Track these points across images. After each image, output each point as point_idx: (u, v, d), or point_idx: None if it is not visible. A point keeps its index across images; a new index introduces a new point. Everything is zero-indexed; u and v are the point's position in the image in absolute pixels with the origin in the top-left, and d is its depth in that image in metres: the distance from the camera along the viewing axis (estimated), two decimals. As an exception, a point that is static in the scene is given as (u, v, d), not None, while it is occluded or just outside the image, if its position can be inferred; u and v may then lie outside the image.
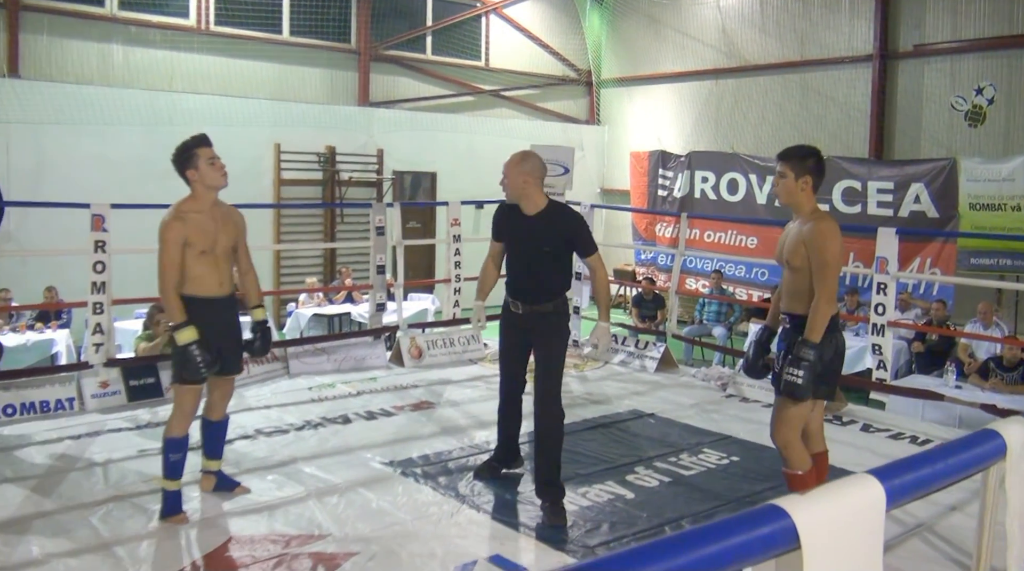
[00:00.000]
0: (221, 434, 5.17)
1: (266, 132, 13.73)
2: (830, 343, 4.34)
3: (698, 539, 1.19)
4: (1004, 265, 11.52)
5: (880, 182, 12.84)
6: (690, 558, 1.15)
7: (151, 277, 4.83)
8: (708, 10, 16.75)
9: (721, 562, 1.19)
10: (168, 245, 4.64)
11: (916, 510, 5.00)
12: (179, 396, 4.79)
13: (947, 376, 8.43)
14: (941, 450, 1.76)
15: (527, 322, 5.08)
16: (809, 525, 1.30)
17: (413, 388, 7.86)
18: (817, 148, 4.50)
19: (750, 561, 1.28)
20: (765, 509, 1.31)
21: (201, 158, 4.80)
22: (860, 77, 14.42)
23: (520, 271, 5.13)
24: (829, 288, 4.26)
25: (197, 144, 4.84)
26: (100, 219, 7.04)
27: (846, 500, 1.43)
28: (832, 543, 1.35)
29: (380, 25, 15.85)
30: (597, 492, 5.34)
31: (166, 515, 4.73)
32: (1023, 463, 1.90)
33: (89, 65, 12.71)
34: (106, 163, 12.18)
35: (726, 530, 1.23)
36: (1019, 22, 12.63)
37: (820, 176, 4.43)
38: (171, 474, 4.75)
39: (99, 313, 7.04)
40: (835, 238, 4.29)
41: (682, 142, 17.00)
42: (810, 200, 4.42)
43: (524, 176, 5.01)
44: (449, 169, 15.89)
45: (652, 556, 1.12)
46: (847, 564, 1.38)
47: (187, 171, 4.81)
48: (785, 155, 4.47)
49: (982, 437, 1.89)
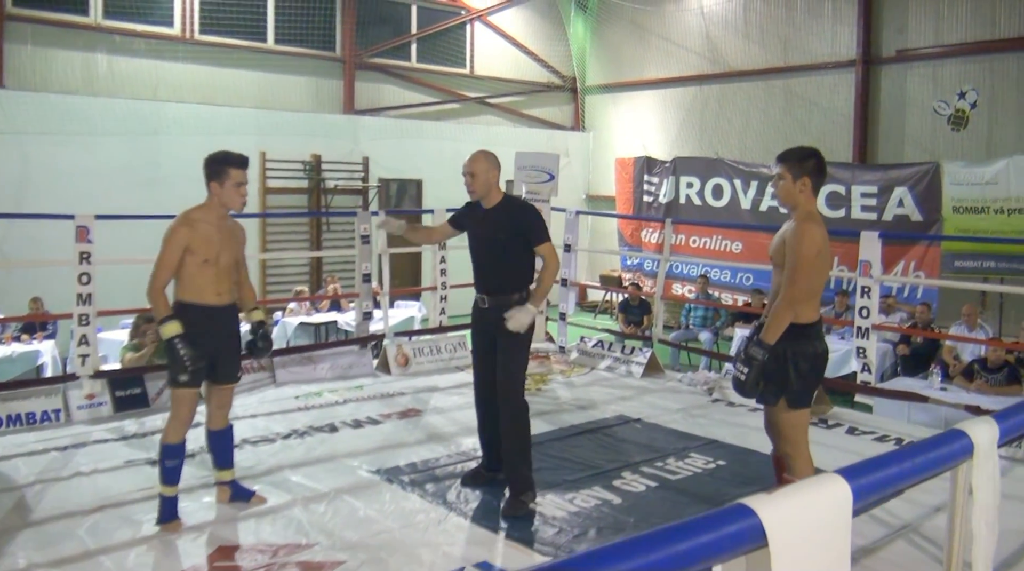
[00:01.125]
0: (226, 443, 5.14)
1: (251, 140, 13.68)
2: (806, 352, 4.27)
3: (667, 537, 1.21)
4: (988, 268, 11.60)
5: (864, 186, 12.92)
6: (659, 556, 1.17)
7: (136, 287, 4.85)
8: (692, 16, 16.84)
9: (689, 560, 1.21)
10: (169, 246, 4.66)
11: (901, 512, 5.05)
12: (175, 402, 4.78)
13: (932, 378, 8.49)
14: (908, 450, 1.79)
15: (493, 315, 5.17)
16: (776, 523, 1.33)
17: (400, 396, 7.86)
18: (817, 149, 4.45)
19: (718, 559, 1.30)
20: (732, 508, 1.34)
21: (231, 178, 4.80)
22: (843, 82, 14.53)
23: (482, 263, 5.34)
24: (796, 290, 4.17)
25: (233, 163, 4.83)
26: (85, 230, 7.02)
27: (813, 499, 1.45)
28: (799, 541, 1.37)
29: (365, 33, 15.89)
30: (584, 498, 5.35)
31: (162, 521, 4.73)
32: (990, 462, 1.94)
33: (73, 75, 12.69)
34: (91, 173, 12.16)
35: (694, 529, 1.25)
36: (1001, 26, 12.74)
37: (820, 177, 4.38)
38: (168, 480, 4.76)
39: (85, 324, 7.02)
40: (812, 240, 4.19)
41: (667, 148, 17.08)
42: (809, 201, 4.36)
43: (494, 172, 5.30)
44: (435, 176, 15.90)
45: (622, 554, 1.14)
46: (815, 561, 1.40)
47: (212, 182, 4.81)
48: (784, 157, 4.43)
49: (949, 437, 1.92)
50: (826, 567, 1.43)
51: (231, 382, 5.06)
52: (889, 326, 9.90)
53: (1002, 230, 11.21)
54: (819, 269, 4.26)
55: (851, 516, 1.52)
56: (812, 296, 4.29)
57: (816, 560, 1.41)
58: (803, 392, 4.31)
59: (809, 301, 4.27)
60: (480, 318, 5.35)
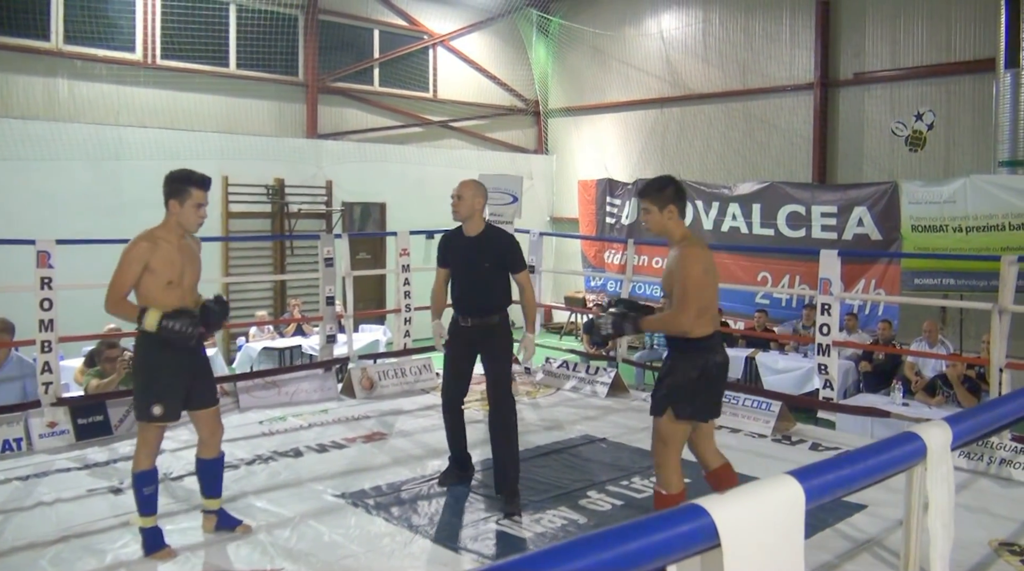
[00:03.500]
0: (217, 472, 5.03)
1: (214, 165, 13.59)
2: (695, 364, 4.44)
3: (619, 536, 1.22)
4: (947, 285, 11.75)
5: (824, 206, 13.08)
6: (612, 554, 1.18)
7: (98, 313, 4.77)
8: (652, 41, 17.04)
9: (642, 559, 1.22)
10: (129, 263, 4.52)
11: (865, 526, 5.12)
12: (141, 430, 4.68)
13: (894, 394, 8.59)
14: (861, 452, 1.81)
15: (474, 334, 5.68)
16: (729, 523, 1.34)
17: (365, 419, 7.83)
18: (671, 177, 4.68)
19: (671, 558, 1.31)
20: (685, 508, 1.35)
21: (192, 198, 4.66)
22: (802, 105, 14.74)
23: (466, 288, 5.70)
24: (687, 308, 4.31)
25: (195, 182, 4.69)
26: (46, 255, 6.94)
27: (766, 499, 1.47)
28: (752, 540, 1.39)
29: (327, 57, 15.90)
30: (551, 518, 5.36)
31: (150, 553, 4.64)
32: (943, 465, 1.97)
33: (34, 100, 12.57)
34: (52, 198, 12.03)
35: (646, 528, 1.27)
36: (956, 50, 13.01)
37: (682, 202, 4.57)
38: (146, 510, 4.66)
39: (47, 351, 6.93)
40: (696, 260, 4.37)
41: (629, 170, 17.21)
42: (679, 226, 4.54)
43: (479, 199, 5.64)
44: (398, 200, 15.91)
45: (575, 552, 1.15)
46: (768, 561, 1.42)
47: (171, 200, 4.68)
48: (644, 192, 4.59)
49: (902, 440, 1.95)
50: (779, 567, 1.45)
51: (211, 405, 4.93)
52: (850, 343, 10.00)
53: (960, 248, 11.37)
54: (707, 286, 4.43)
55: (804, 516, 1.54)
56: (704, 313, 4.42)
57: (769, 560, 1.43)
58: (692, 404, 4.45)
59: (701, 317, 4.40)
60: (460, 334, 5.75)
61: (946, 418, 2.13)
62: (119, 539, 4.92)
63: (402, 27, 17.21)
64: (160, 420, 4.60)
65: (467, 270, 5.67)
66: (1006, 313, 6.55)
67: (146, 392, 4.58)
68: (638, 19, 17.28)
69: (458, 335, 5.76)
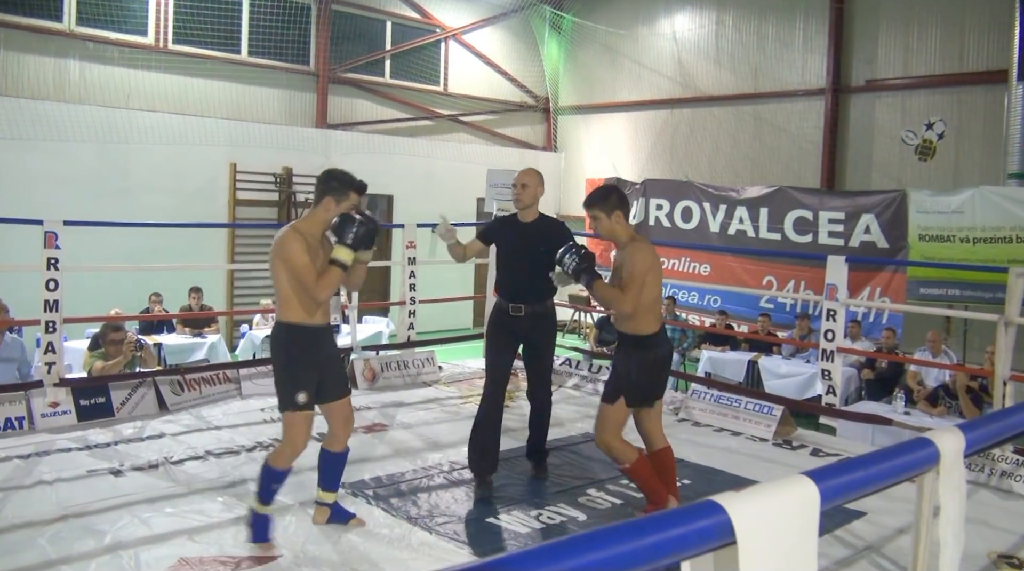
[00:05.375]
0: (339, 466, 4.98)
1: (222, 152, 13.66)
2: (645, 358, 4.91)
3: (635, 531, 1.22)
4: (953, 295, 11.74)
5: (831, 212, 13.06)
6: (627, 548, 1.18)
7: (104, 296, 4.77)
8: (664, 41, 17.03)
9: (658, 554, 1.22)
10: (297, 253, 4.40)
11: (865, 534, 5.11)
12: (290, 426, 4.59)
13: (896, 403, 8.59)
14: (875, 455, 1.81)
15: (526, 322, 5.74)
16: (744, 520, 1.34)
17: (366, 410, 7.82)
18: (613, 184, 5.07)
19: (686, 554, 1.31)
20: (702, 504, 1.35)
21: (348, 200, 4.60)
22: (813, 110, 14.73)
23: (521, 274, 5.74)
24: (631, 294, 4.74)
25: (355, 187, 4.63)
26: (53, 236, 6.91)
27: (781, 498, 1.47)
28: (767, 538, 1.39)
29: (339, 48, 15.91)
30: (550, 514, 5.35)
31: (255, 541, 4.62)
32: (956, 471, 1.97)
33: (45, 80, 12.59)
34: (60, 180, 12.05)
35: (663, 523, 1.26)
36: (969, 60, 12.99)
37: (626, 206, 5.00)
38: (265, 498, 4.64)
39: (51, 332, 6.92)
40: (643, 257, 4.78)
41: (637, 170, 17.20)
42: (626, 230, 4.96)
43: (541, 188, 5.78)
44: (406, 192, 15.91)
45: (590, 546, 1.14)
46: (782, 559, 1.42)
47: (328, 197, 4.58)
48: (590, 202, 4.99)
49: (916, 445, 1.95)
50: (793, 566, 1.45)
51: (344, 396, 4.84)
52: (854, 349, 9.99)
53: (967, 259, 11.35)
54: (650, 284, 4.82)
55: (819, 517, 1.54)
56: (648, 310, 4.88)
57: (784, 559, 1.43)
58: (639, 391, 4.97)
59: (647, 315, 4.87)
60: (510, 324, 5.78)
61: (959, 425, 2.12)
62: (119, 520, 4.91)
63: (415, 20, 17.21)
64: (305, 408, 4.54)
65: (524, 255, 5.69)
66: (1012, 325, 6.53)
67: (289, 382, 4.53)
68: (651, 19, 17.26)
69: (504, 325, 5.80)
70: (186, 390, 7.63)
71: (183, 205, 12.89)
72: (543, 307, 5.80)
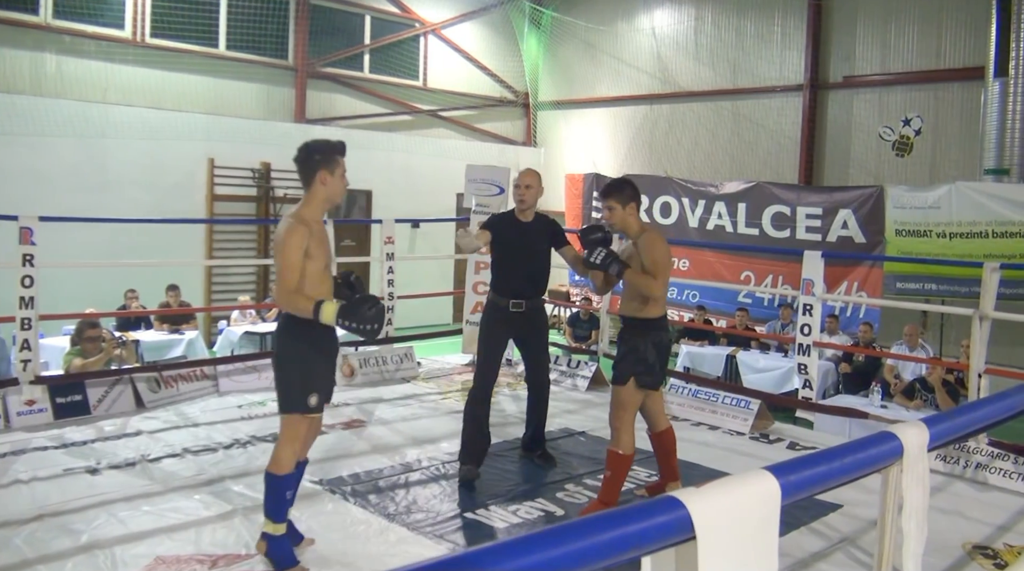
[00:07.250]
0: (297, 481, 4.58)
1: (200, 146, 13.57)
2: (653, 341, 5.10)
3: (594, 526, 1.23)
4: (929, 290, 11.82)
5: (809, 208, 13.14)
6: (587, 543, 1.18)
7: (80, 292, 4.74)
8: (644, 37, 17.04)
9: (617, 549, 1.22)
10: (294, 249, 4.10)
11: (840, 525, 5.15)
12: (289, 425, 4.31)
13: (873, 396, 8.64)
14: (838, 450, 1.83)
15: (525, 316, 5.93)
16: (704, 515, 1.35)
17: (344, 406, 7.81)
18: (627, 178, 5.34)
19: (646, 549, 1.32)
20: (661, 500, 1.36)
21: (339, 166, 4.33)
22: (791, 106, 14.79)
23: (522, 271, 5.93)
24: (661, 279, 5.04)
25: (340, 150, 4.36)
26: (28, 232, 6.87)
27: (742, 493, 1.48)
28: (728, 534, 1.40)
29: (318, 42, 15.84)
30: (528, 509, 5.37)
31: (283, 567, 4.28)
32: (919, 464, 1.99)
33: (21, 74, 12.47)
34: (36, 175, 11.94)
35: (622, 518, 1.27)
36: (946, 56, 13.07)
37: (639, 198, 5.25)
38: (279, 515, 4.31)
39: (27, 329, 6.87)
40: (663, 244, 5.09)
41: (617, 165, 17.22)
42: (637, 221, 5.21)
43: (541, 189, 5.98)
44: (385, 188, 15.85)
45: (550, 541, 1.15)
46: (743, 554, 1.43)
47: (320, 173, 4.28)
48: (607, 192, 5.18)
49: (879, 439, 1.96)
50: (754, 561, 1.46)
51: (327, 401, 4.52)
52: (831, 344, 10.05)
53: (944, 253, 11.44)
54: (669, 266, 5.15)
55: (779, 511, 1.55)
56: (663, 295, 5.17)
57: (744, 554, 1.44)
58: (652, 374, 5.13)
59: (661, 299, 5.13)
60: (504, 321, 5.93)
61: (923, 419, 2.14)
62: (95, 519, 4.89)
63: (394, 14, 17.15)
64: (315, 411, 4.30)
65: (524, 252, 5.89)
66: (987, 319, 6.60)
67: (301, 382, 4.24)
68: (631, 15, 17.28)
69: (501, 321, 5.94)
70: (163, 387, 7.60)
71: (161, 200, 12.79)
72: (540, 303, 6.11)
